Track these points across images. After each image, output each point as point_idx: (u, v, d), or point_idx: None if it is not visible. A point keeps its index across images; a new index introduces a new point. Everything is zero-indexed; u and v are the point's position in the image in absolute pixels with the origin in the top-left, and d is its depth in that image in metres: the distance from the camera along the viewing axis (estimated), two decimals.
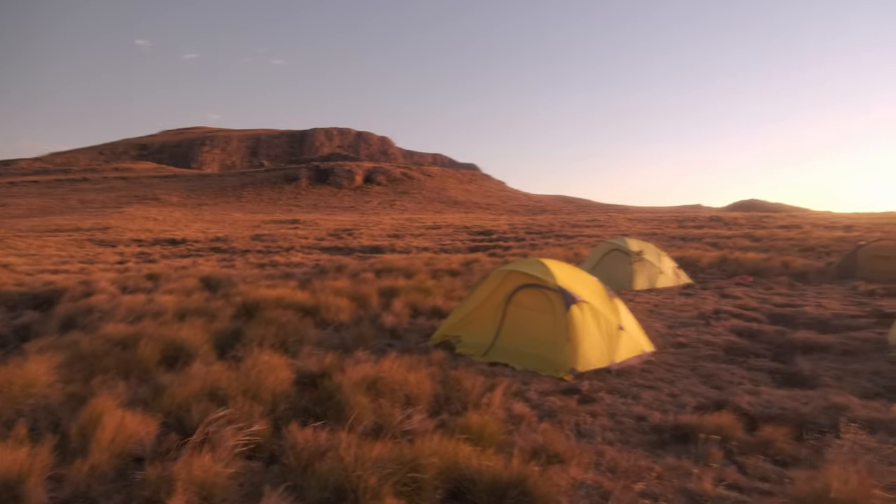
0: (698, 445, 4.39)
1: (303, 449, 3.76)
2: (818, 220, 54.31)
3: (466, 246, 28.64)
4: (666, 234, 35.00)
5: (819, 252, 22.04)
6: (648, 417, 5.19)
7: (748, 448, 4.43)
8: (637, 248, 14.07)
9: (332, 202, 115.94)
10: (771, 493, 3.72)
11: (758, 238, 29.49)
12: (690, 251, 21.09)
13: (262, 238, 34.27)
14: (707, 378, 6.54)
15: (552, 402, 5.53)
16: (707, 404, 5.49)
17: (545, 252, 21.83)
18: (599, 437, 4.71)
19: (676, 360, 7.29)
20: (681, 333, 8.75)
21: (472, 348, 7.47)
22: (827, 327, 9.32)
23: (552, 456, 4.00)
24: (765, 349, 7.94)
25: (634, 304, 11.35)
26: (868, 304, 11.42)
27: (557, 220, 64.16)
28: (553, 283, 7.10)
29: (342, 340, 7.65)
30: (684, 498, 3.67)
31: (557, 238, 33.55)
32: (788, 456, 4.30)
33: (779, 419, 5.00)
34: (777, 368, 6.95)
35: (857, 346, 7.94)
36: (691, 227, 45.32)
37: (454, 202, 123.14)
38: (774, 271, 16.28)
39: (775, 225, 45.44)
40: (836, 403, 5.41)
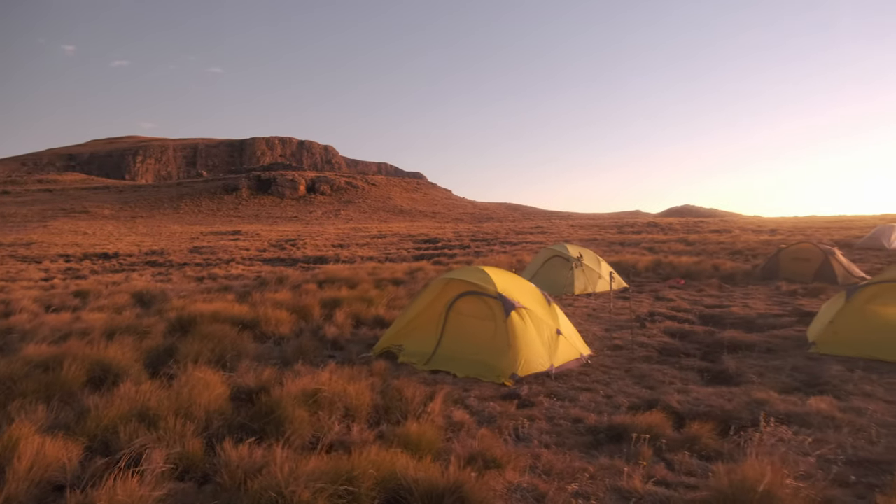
0: (630, 445, 4.56)
1: (237, 467, 3.68)
2: (747, 225, 57.21)
3: (412, 254, 28.64)
4: (606, 240, 36.08)
5: (747, 255, 23.22)
6: (584, 419, 5.34)
7: (676, 445, 4.63)
8: (576, 253, 14.45)
9: (274, 212, 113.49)
10: (696, 486, 3.90)
11: (691, 242, 30.81)
12: (628, 256, 21.82)
13: (200, 250, 33.20)
14: (641, 379, 6.79)
15: (492, 408, 5.61)
16: (640, 404, 5.69)
17: (489, 259, 22.09)
18: (537, 441, 4.81)
19: (612, 363, 7.53)
20: (617, 336, 9.04)
21: (414, 357, 7.47)
22: (752, 326, 9.84)
23: (489, 461, 4.06)
24: (695, 349, 8.31)
25: (574, 309, 11.66)
26: (790, 303, 12.12)
27: (503, 227, 65.07)
28: (493, 291, 7.21)
29: (282, 354, 7.51)
30: (615, 496, 3.79)
31: (502, 245, 34.01)
32: (713, 451, 4.52)
33: (705, 416, 5.25)
34: (706, 367, 7.28)
35: (779, 344, 8.42)
36: (630, 232, 46.86)
37: (400, 211, 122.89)
38: (706, 274, 17.05)
39: (708, 229, 47.51)
40: (758, 399, 5.73)
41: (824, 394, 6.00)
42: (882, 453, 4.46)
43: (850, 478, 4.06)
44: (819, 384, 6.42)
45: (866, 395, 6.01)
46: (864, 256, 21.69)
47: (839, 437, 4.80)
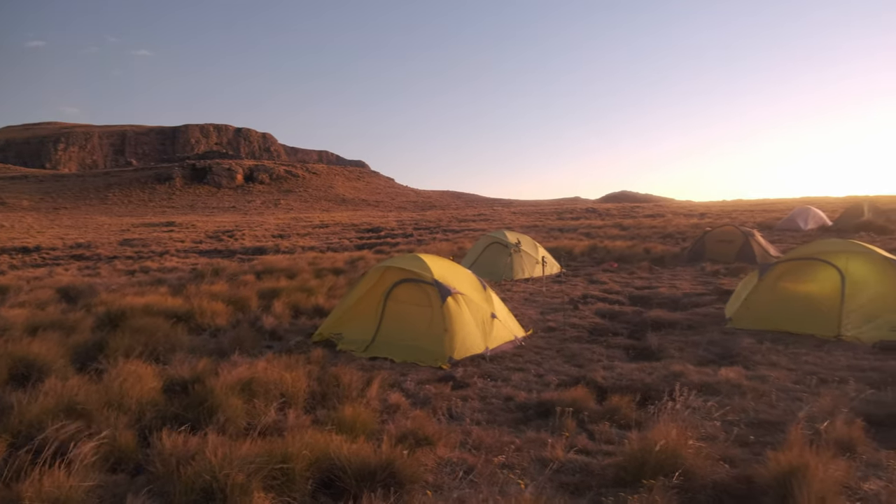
0: (556, 419, 4.83)
1: (170, 455, 3.70)
2: (679, 209, 59.77)
3: (354, 244, 28.48)
4: (546, 226, 36.94)
5: (677, 238, 24.36)
6: (515, 397, 5.60)
7: (598, 416, 4.95)
8: (515, 240, 14.83)
9: (210, 202, 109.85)
10: (612, 453, 4.21)
11: (626, 227, 31.98)
12: (565, 241, 22.49)
13: (131, 243, 31.86)
14: (571, 358, 7.13)
15: (427, 390, 5.79)
16: (568, 381, 6.01)
17: (431, 247, 22.28)
18: (469, 419, 5.03)
19: (545, 343, 7.86)
20: (551, 318, 9.41)
21: (353, 344, 7.57)
22: (677, 305, 10.43)
23: (421, 439, 4.24)
24: (623, 328, 8.76)
25: (512, 294, 12.00)
26: (712, 283, 12.88)
27: (446, 215, 65.43)
28: (429, 277, 7.37)
29: (219, 345, 7.44)
30: (538, 465, 4.05)
31: (445, 233, 34.27)
32: (631, 420, 4.85)
33: (627, 389, 5.60)
34: (631, 345, 7.70)
35: (700, 321, 8.98)
36: (569, 218, 48.11)
37: (342, 200, 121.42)
38: (638, 257, 17.82)
39: (643, 214, 49.42)
40: (675, 371, 6.15)
41: (735, 364, 6.50)
42: (780, 415, 4.92)
43: (750, 438, 4.48)
44: (731, 356, 6.93)
45: (772, 364, 6.55)
46: (781, 237, 23.15)
47: (743, 403, 5.25)
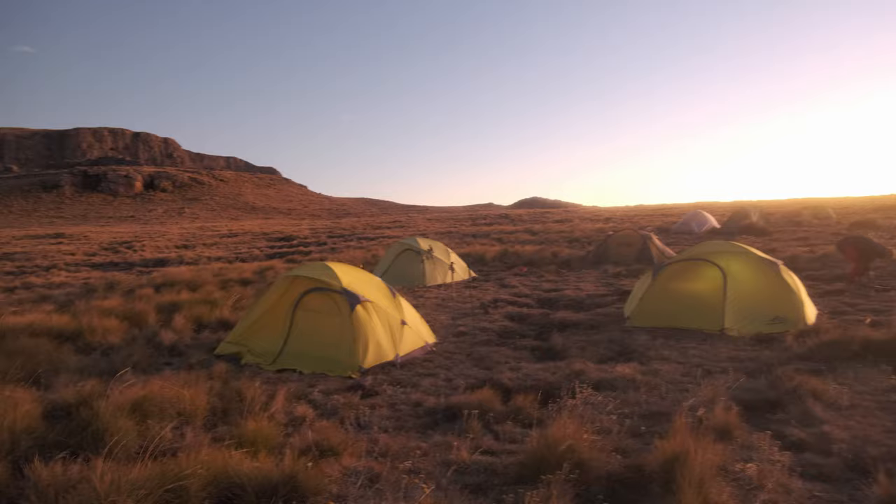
0: (462, 421, 4.92)
1: (48, 485, 3.42)
2: (586, 215, 62.64)
3: (265, 253, 27.55)
4: (460, 232, 37.50)
5: (583, 242, 25.50)
6: (424, 402, 5.65)
7: (503, 417, 5.09)
8: (427, 246, 14.94)
9: (106, 212, 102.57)
10: (515, 452, 4.34)
11: (536, 232, 33.10)
12: (478, 247, 22.94)
13: (12, 257, 29.07)
14: (480, 361, 7.28)
15: (336, 400, 5.71)
16: (476, 384, 6.13)
17: (345, 255, 22.01)
18: (377, 427, 5.02)
19: (456, 348, 7.98)
20: (462, 323, 9.56)
21: (260, 357, 7.33)
22: (581, 306, 10.92)
23: (326, 450, 4.18)
24: (531, 330, 9.06)
25: (425, 300, 12.08)
26: (614, 284, 13.59)
27: (360, 222, 64.82)
28: (338, 286, 7.29)
29: (110, 365, 6.96)
30: (444, 468, 4.11)
31: (359, 241, 33.93)
32: (535, 419, 5.02)
33: (531, 389, 5.81)
34: (538, 346, 7.99)
35: (602, 321, 9.45)
36: (483, 224, 49.12)
37: (252, 208, 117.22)
38: (546, 261, 18.49)
39: (552, 220, 51.31)
40: (577, 370, 6.44)
41: (631, 361, 6.90)
42: (668, 406, 5.26)
43: (641, 428, 4.77)
44: (628, 353, 7.36)
45: (663, 358, 7.01)
46: (677, 240, 24.81)
47: (637, 396, 5.59)
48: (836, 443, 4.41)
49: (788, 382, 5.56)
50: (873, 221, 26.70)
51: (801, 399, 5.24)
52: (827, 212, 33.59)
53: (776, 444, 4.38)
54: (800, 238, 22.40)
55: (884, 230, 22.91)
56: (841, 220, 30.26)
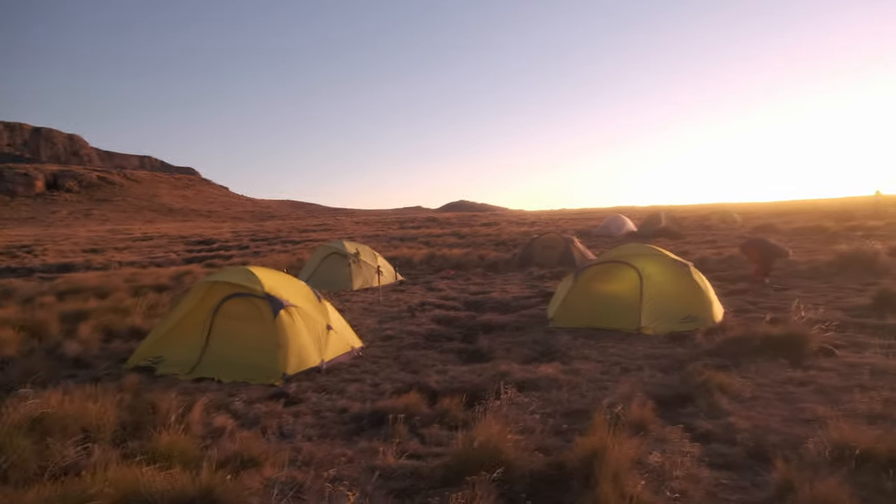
0: (389, 426, 4.89)
1: None
2: (512, 218, 64.00)
3: (183, 258, 26.30)
4: (388, 235, 37.33)
5: (509, 245, 26.00)
6: (350, 408, 5.57)
7: (429, 420, 5.10)
8: (353, 250, 14.76)
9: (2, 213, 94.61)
10: (441, 454, 4.36)
11: (463, 235, 33.44)
12: (406, 250, 22.91)
13: None
14: (407, 365, 7.26)
15: (258, 409, 5.53)
16: (403, 388, 6.10)
17: (268, 259, 21.38)
18: (300, 435, 4.90)
19: (383, 352, 7.92)
20: (389, 327, 9.51)
21: (176, 367, 6.98)
22: (507, 308, 11.12)
23: (247, 461, 4.04)
24: (457, 333, 9.13)
25: (351, 304, 11.93)
26: (538, 286, 13.92)
27: (286, 225, 63.16)
28: (260, 291, 7.06)
29: (6, 379, 6.43)
30: (370, 474, 4.06)
31: (284, 244, 33.05)
32: (461, 421, 5.07)
33: (458, 391, 5.84)
34: (464, 348, 8.06)
35: (527, 322, 9.65)
36: (411, 227, 49.15)
37: (169, 210, 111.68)
38: (473, 264, 18.71)
39: (479, 223, 52.04)
40: (502, 371, 6.54)
41: (554, 360, 7.09)
42: (589, 404, 5.45)
43: (563, 426, 4.91)
44: (551, 353, 7.56)
45: (584, 357, 7.25)
46: (597, 243, 25.77)
47: (559, 395, 5.75)
48: (739, 432, 4.72)
49: (698, 377, 5.89)
50: (773, 225, 28.84)
51: (709, 393, 5.57)
52: (733, 216, 35.98)
53: (686, 436, 4.64)
54: (708, 241, 23.83)
55: (782, 233, 24.78)
56: (745, 224, 32.51)
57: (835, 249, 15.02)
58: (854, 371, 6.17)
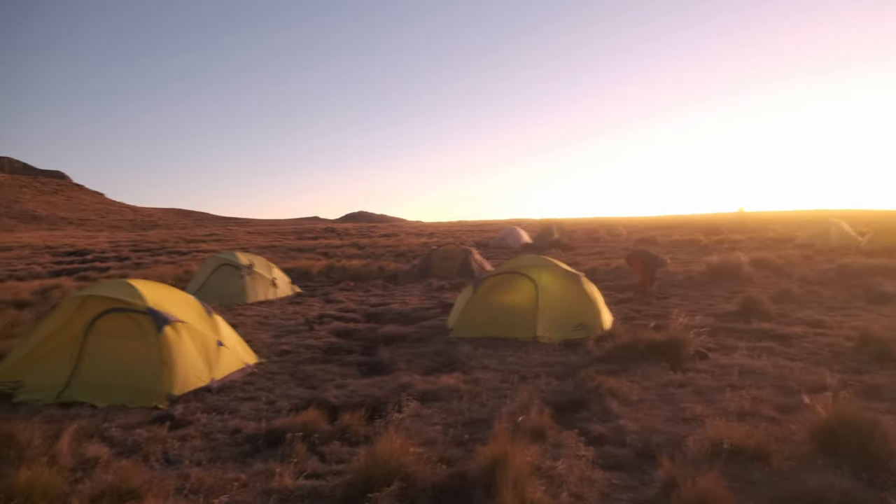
0: (286, 445, 4.67)
1: None
2: (411, 229, 64.28)
3: (49, 270, 23.80)
4: (285, 246, 36.09)
5: (408, 256, 26.04)
6: (244, 429, 5.26)
7: (329, 437, 4.93)
8: (247, 261, 14.09)
9: None
10: (342, 472, 4.22)
11: (362, 246, 33.08)
12: (303, 261, 22.25)
13: None
14: (305, 380, 7.01)
15: (138, 435, 5.07)
16: (301, 404, 5.87)
17: (152, 271, 19.88)
18: (188, 461, 4.55)
19: (279, 368, 7.59)
20: (285, 341, 9.14)
21: (40, 392, 6.25)
22: (408, 320, 11.09)
23: (125, 493, 3.67)
24: (358, 345, 8.96)
25: (245, 318, 11.35)
26: (438, 297, 14.02)
27: (171, 235, 59.23)
28: (142, 305, 6.53)
29: None
30: (266, 498, 3.85)
31: (170, 255, 30.91)
32: (362, 436, 4.95)
33: (358, 405, 5.71)
34: (364, 361, 7.92)
35: (427, 333, 9.67)
36: (308, 238, 47.88)
37: (33, 217, 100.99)
38: (373, 275, 18.53)
39: (378, 234, 51.78)
40: (404, 383, 6.50)
41: (455, 371, 7.15)
42: (489, 413, 5.53)
43: (465, 437, 4.94)
44: (452, 363, 7.61)
45: (484, 367, 7.36)
46: (495, 254, 26.46)
47: (460, 405, 5.79)
48: (629, 434, 4.99)
49: (591, 383, 6.18)
50: (654, 238, 31.14)
51: (601, 397, 5.85)
52: (618, 229, 38.54)
53: (581, 440, 4.84)
54: (597, 252, 25.26)
55: (662, 245, 26.79)
56: (630, 237, 34.86)
57: (706, 261, 16.50)
58: (725, 372, 6.75)
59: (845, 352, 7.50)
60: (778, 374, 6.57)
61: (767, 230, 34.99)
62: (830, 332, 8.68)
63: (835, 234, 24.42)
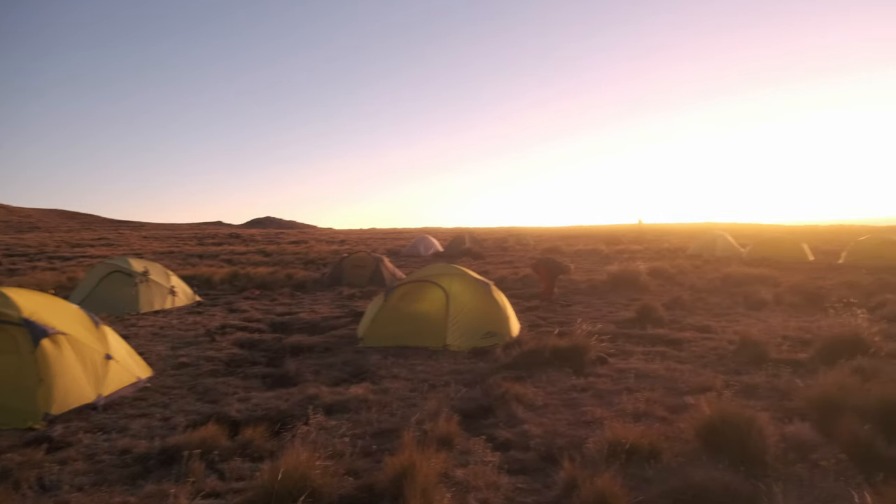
0: (182, 464, 4.39)
1: None
2: (322, 236, 62.90)
3: None
4: (184, 252, 34.17)
5: (318, 264, 25.48)
6: (134, 448, 4.90)
7: (230, 453, 4.70)
8: (141, 268, 13.20)
9: None
10: (243, 490, 4.03)
11: (269, 253, 31.99)
12: (205, 269, 21.18)
13: None
14: (204, 394, 6.64)
15: (9, 460, 4.58)
16: (199, 420, 5.56)
17: (28, 278, 18.14)
18: (68, 485, 4.16)
19: (175, 382, 7.15)
20: (184, 353, 8.63)
21: None
22: (316, 329, 10.82)
23: None
24: (262, 356, 8.62)
25: (138, 329, 10.63)
26: (348, 305, 13.80)
27: (53, 239, 54.28)
28: (16, 316, 5.92)
29: None
30: None
31: (51, 260, 28.36)
32: (266, 451, 4.76)
33: (262, 419, 5.49)
34: (270, 373, 7.62)
35: (336, 343, 9.48)
36: (211, 244, 45.62)
37: None
38: (280, 283, 17.96)
39: (287, 241, 50.25)
40: (311, 394, 6.32)
41: (364, 381, 7.05)
42: (398, 422, 5.50)
43: (373, 447, 4.88)
44: (361, 373, 7.50)
45: (394, 376, 7.32)
46: (406, 262, 26.46)
47: (369, 416, 5.71)
48: (533, 438, 5.13)
49: (498, 389, 6.31)
50: (559, 248, 32.45)
51: (507, 403, 5.99)
52: (527, 239, 39.77)
53: (488, 446, 4.92)
54: (507, 261, 25.92)
55: (567, 255, 27.95)
56: (537, 246, 36.08)
57: (607, 270, 17.40)
58: (623, 376, 7.12)
59: (728, 354, 8.14)
60: (669, 377, 7.02)
61: (663, 241, 37.47)
62: (715, 336, 9.40)
63: (720, 245, 26.59)
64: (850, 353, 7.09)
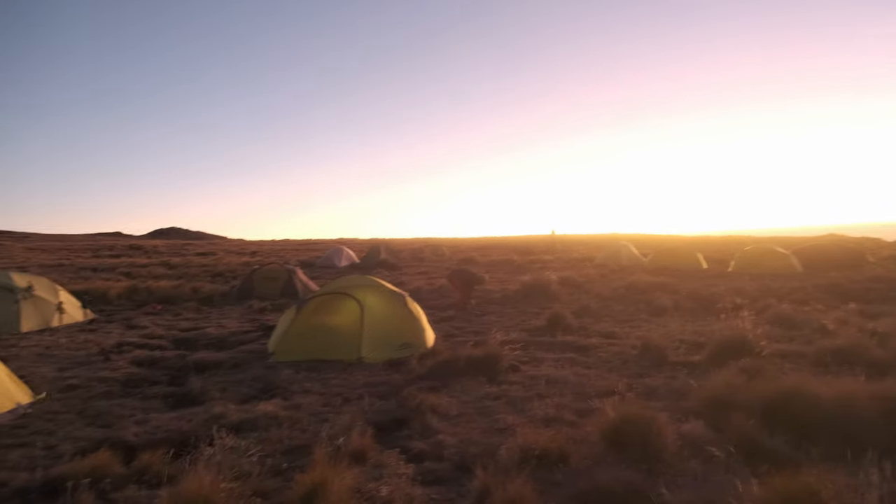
0: (66, 496, 4.03)
1: None
2: (231, 247, 60.34)
3: None
4: (76, 265, 31.65)
5: (227, 277, 24.41)
6: (11, 481, 4.44)
7: (124, 481, 4.37)
8: (25, 283, 12.08)
9: None
10: None
11: (174, 266, 30.32)
12: (99, 283, 19.74)
13: None
14: (96, 418, 6.15)
15: None
16: (89, 447, 5.13)
17: None
18: None
19: (63, 406, 6.57)
20: (73, 375, 7.97)
21: None
22: (224, 345, 10.33)
23: None
24: (164, 375, 8.12)
25: (20, 349, 9.72)
26: (259, 319, 13.30)
27: None
28: None
29: None
30: None
31: None
32: (165, 477, 4.45)
33: (162, 443, 5.15)
34: (172, 392, 7.18)
35: (245, 358, 9.09)
36: (107, 256, 42.65)
37: None
38: (185, 297, 17.04)
39: (193, 252, 47.81)
40: (217, 413, 6.02)
41: (274, 397, 6.81)
42: (310, 438, 5.33)
43: (283, 466, 4.70)
44: (272, 389, 7.24)
45: (306, 391, 7.12)
46: (320, 274, 25.90)
47: (280, 433, 5.50)
48: (447, 448, 5.15)
49: (413, 401, 6.29)
50: (474, 259, 32.98)
51: (422, 414, 5.98)
52: (442, 250, 40.12)
53: (402, 458, 4.88)
54: (422, 272, 26.00)
55: (481, 265, 28.46)
56: (452, 257, 36.49)
57: (520, 279, 17.87)
58: (535, 382, 7.31)
59: (631, 359, 8.57)
60: (578, 382, 7.28)
61: (573, 251, 39.02)
62: (620, 341, 9.88)
63: (625, 255, 28.07)
64: (737, 355, 7.72)
